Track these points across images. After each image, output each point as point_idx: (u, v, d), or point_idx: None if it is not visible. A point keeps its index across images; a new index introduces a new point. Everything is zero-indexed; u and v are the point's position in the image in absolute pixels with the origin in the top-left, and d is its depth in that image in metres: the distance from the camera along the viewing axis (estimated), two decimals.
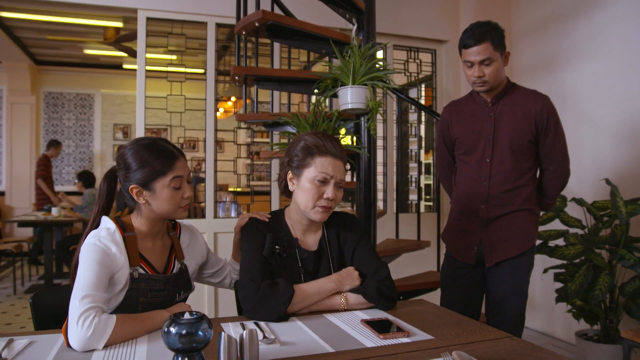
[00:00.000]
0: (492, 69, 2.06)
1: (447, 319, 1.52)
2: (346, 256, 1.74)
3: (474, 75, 2.10)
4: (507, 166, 2.13)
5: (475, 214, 2.21)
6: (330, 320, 1.49)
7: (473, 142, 2.21)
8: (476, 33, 2.05)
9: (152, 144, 1.50)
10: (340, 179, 1.64)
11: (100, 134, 8.24)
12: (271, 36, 2.69)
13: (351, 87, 2.74)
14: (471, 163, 2.23)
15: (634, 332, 2.47)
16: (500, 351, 1.22)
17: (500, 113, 2.15)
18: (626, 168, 3.18)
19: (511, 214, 2.15)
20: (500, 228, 2.16)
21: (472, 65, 2.09)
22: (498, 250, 2.16)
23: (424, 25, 4.25)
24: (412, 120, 4.60)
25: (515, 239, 2.14)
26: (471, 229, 2.23)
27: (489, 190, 2.16)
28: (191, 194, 1.55)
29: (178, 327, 1.03)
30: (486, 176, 2.16)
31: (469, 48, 2.07)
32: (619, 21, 3.26)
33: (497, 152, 2.14)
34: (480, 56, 2.05)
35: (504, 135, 2.12)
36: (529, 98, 2.12)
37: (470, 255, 2.23)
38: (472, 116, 2.23)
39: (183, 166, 1.52)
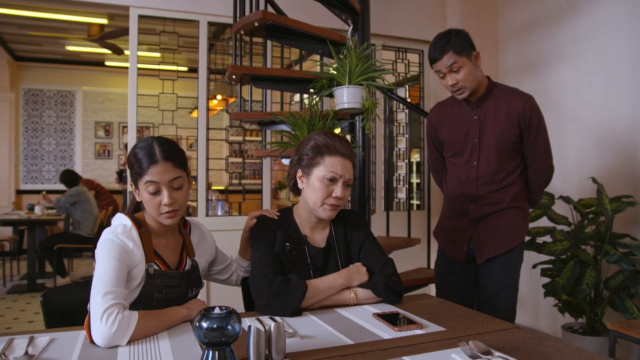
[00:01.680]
0: (463, 73, 2.10)
1: (455, 312, 1.58)
2: (353, 253, 1.79)
3: (449, 85, 2.16)
4: (494, 167, 2.18)
5: (465, 213, 2.27)
6: (342, 314, 1.53)
7: (460, 145, 2.26)
8: (437, 46, 2.12)
9: (147, 145, 1.50)
10: (349, 178, 1.68)
11: (81, 132, 8.13)
12: (269, 36, 2.72)
13: (347, 87, 2.78)
14: (459, 165, 2.28)
15: (620, 324, 2.57)
16: (511, 340, 1.28)
17: (484, 115, 2.19)
18: (608, 167, 3.30)
19: (500, 212, 2.21)
20: (489, 226, 2.22)
21: (444, 75, 2.15)
22: (488, 247, 2.21)
23: (412, 26, 4.32)
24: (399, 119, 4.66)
25: (504, 236, 2.20)
26: (461, 227, 2.29)
27: (477, 191, 2.22)
28: (171, 202, 1.47)
29: (209, 322, 1.06)
30: (474, 178, 2.22)
31: (435, 62, 2.15)
32: (602, 26, 3.37)
33: (483, 154, 2.20)
34: (447, 65, 2.10)
35: (490, 138, 2.17)
36: (512, 98, 2.17)
37: (461, 252, 2.29)
38: (458, 119, 2.27)
39: (160, 171, 1.46)
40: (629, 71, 3.17)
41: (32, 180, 7.88)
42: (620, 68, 3.24)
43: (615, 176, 3.22)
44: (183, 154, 1.55)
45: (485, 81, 2.21)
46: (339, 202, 1.67)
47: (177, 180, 1.50)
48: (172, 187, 1.49)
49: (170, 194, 1.48)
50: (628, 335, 2.48)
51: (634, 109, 3.12)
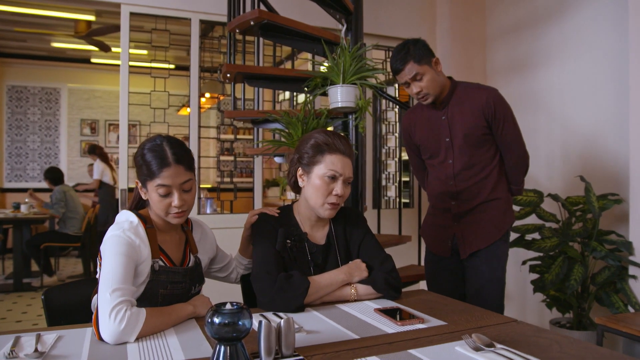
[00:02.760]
0: (426, 81, 2.19)
1: (453, 307, 1.62)
2: (352, 249, 1.82)
3: (414, 92, 2.24)
4: (468, 162, 2.25)
5: (447, 210, 2.34)
6: (344, 310, 1.56)
7: (434, 147, 2.34)
8: (398, 58, 2.20)
9: (156, 146, 1.50)
10: (349, 176, 1.71)
11: (66, 130, 8.04)
12: (265, 35, 2.73)
13: (341, 86, 2.81)
14: (436, 165, 2.36)
15: (607, 318, 2.64)
16: (510, 334, 1.32)
17: (452, 115, 2.27)
18: (595, 165, 3.37)
19: (480, 206, 2.28)
20: (470, 221, 2.29)
21: (408, 84, 2.24)
22: (470, 242, 2.28)
23: (402, 26, 4.36)
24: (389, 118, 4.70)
25: (485, 230, 2.26)
26: (445, 223, 2.36)
27: (456, 187, 2.29)
28: (181, 204, 1.49)
29: (221, 317, 1.08)
30: (451, 176, 2.30)
31: (398, 73, 2.23)
32: (589, 27, 3.44)
33: (456, 152, 2.27)
34: (410, 75, 2.18)
35: (459, 135, 2.24)
36: (475, 93, 2.24)
37: (446, 248, 2.35)
38: (428, 122, 2.35)
39: (172, 175, 1.47)
40: (614, 71, 3.24)
41: (16, 179, 7.79)
42: (606, 68, 3.31)
43: (602, 174, 3.30)
44: (192, 155, 1.57)
45: (447, 83, 2.29)
46: (339, 200, 1.70)
47: (187, 183, 1.52)
48: (182, 189, 1.50)
49: (180, 196, 1.49)
50: (615, 329, 2.55)
51: (619, 109, 3.19)
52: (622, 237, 3.00)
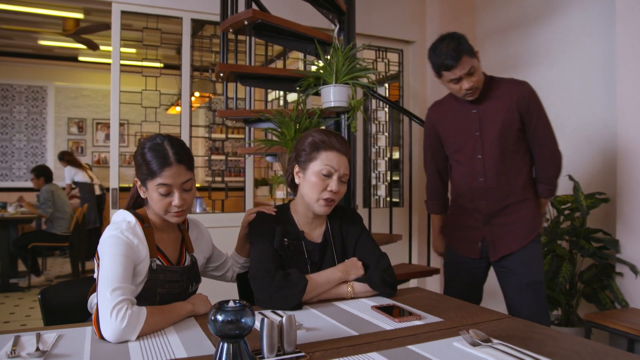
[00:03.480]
0: (477, 75, 2.12)
1: (449, 304, 1.64)
2: (348, 248, 1.84)
3: (464, 88, 2.12)
4: (499, 158, 2.17)
5: (476, 210, 2.25)
6: (341, 307, 1.58)
7: (461, 140, 2.26)
8: (451, 52, 2.07)
9: (157, 145, 1.50)
10: (344, 174, 1.73)
11: (53, 128, 7.96)
12: (258, 35, 2.74)
13: (334, 85, 2.83)
14: (462, 161, 2.27)
15: (595, 314, 2.69)
16: (505, 329, 1.35)
17: (484, 108, 2.19)
18: (583, 164, 3.43)
19: (511, 206, 2.20)
20: (501, 223, 2.21)
21: (459, 80, 2.11)
22: (501, 245, 2.20)
23: (392, 26, 4.39)
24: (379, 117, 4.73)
25: (518, 232, 2.19)
26: (473, 224, 2.27)
27: (486, 184, 2.20)
28: (182, 203, 1.50)
29: (224, 315, 1.09)
30: (481, 172, 2.21)
31: (451, 69, 2.09)
32: (577, 29, 3.50)
33: (487, 147, 2.18)
34: (465, 70, 2.08)
35: (491, 129, 2.16)
36: (509, 87, 2.17)
37: (475, 250, 2.27)
38: (456, 116, 2.28)
39: (173, 174, 1.48)
40: (602, 72, 3.30)
41: (1, 178, 7.70)
42: (594, 69, 3.36)
43: (589, 173, 3.35)
44: (192, 154, 1.58)
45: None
46: (334, 196, 1.72)
47: (188, 183, 1.53)
48: (183, 189, 1.51)
49: (181, 196, 1.50)
50: (602, 325, 2.61)
51: (607, 109, 3.25)
52: (609, 235, 3.05)
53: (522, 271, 2.18)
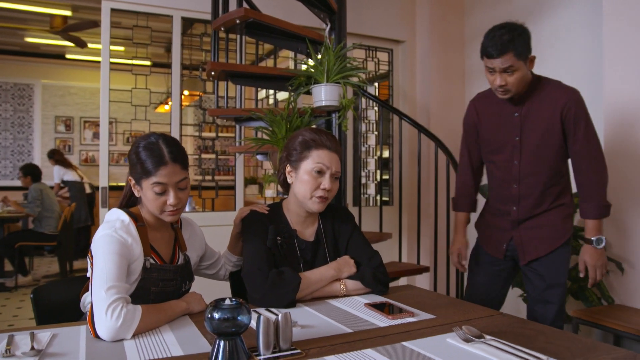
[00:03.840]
0: (515, 78, 1.96)
1: (441, 301, 1.66)
2: (340, 246, 1.85)
3: (496, 84, 2.00)
4: (536, 167, 2.07)
5: (507, 214, 2.19)
6: (334, 305, 1.59)
7: (499, 143, 2.15)
8: (498, 43, 1.93)
9: (152, 144, 1.50)
10: (336, 171, 1.74)
11: (40, 127, 7.88)
12: (250, 33, 2.74)
13: (325, 84, 2.84)
14: (498, 163, 2.18)
15: (582, 311, 2.74)
16: (498, 325, 1.37)
17: (527, 113, 2.06)
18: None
19: (542, 214, 2.12)
20: (530, 227, 2.14)
21: (494, 72, 1.99)
22: (530, 249, 2.13)
23: (382, 26, 4.41)
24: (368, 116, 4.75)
25: (545, 238, 2.11)
26: (503, 226, 2.22)
27: (520, 191, 2.12)
28: (177, 202, 1.50)
29: (221, 313, 1.10)
30: (515, 178, 2.12)
31: (490, 58, 1.97)
32: (564, 30, 3.54)
33: (525, 154, 2.08)
34: (503, 66, 1.95)
35: (532, 136, 2.06)
36: (555, 93, 2.03)
37: (500, 250, 2.22)
38: (497, 115, 2.16)
39: (169, 173, 1.48)
40: (589, 71, 3.34)
41: None
42: (580, 69, 3.41)
43: None
44: (186, 153, 1.58)
45: (529, 79, 2.05)
46: (327, 194, 1.73)
47: (183, 182, 1.53)
48: (178, 187, 1.51)
49: (176, 195, 1.50)
50: (589, 322, 2.65)
51: (593, 109, 3.28)
52: None
53: (545, 274, 2.11)
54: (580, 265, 2.08)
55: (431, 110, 4.38)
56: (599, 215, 2.03)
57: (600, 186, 2.05)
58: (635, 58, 2.79)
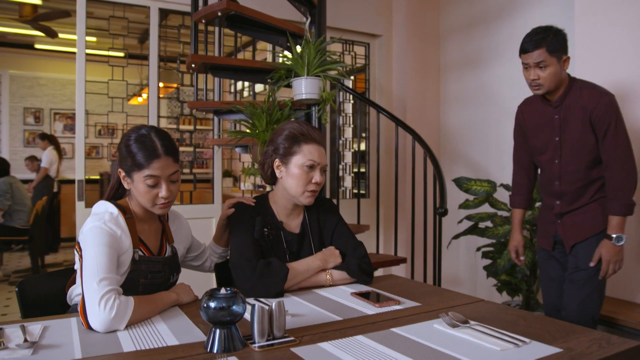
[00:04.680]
0: (548, 73, 2.12)
1: (424, 289, 1.72)
2: (325, 237, 1.89)
3: (530, 78, 2.18)
4: (575, 167, 2.21)
5: (552, 208, 2.34)
6: (322, 294, 1.63)
7: (542, 144, 2.30)
8: (534, 39, 2.13)
9: (143, 137, 1.50)
10: (325, 164, 1.78)
11: (8, 118, 7.67)
12: (231, 26, 2.74)
13: (306, 78, 2.86)
14: (543, 163, 2.34)
15: None
16: (480, 311, 1.43)
17: (565, 115, 2.20)
18: None
19: (583, 207, 2.24)
20: (572, 219, 2.27)
21: (529, 67, 2.17)
22: (571, 238, 2.27)
23: (359, 20, 4.44)
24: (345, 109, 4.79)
25: (586, 226, 2.23)
26: (550, 219, 2.36)
27: (561, 188, 2.26)
28: (169, 195, 1.51)
29: (217, 302, 1.13)
30: (556, 176, 2.27)
31: (526, 53, 2.16)
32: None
33: (564, 153, 2.22)
34: (536, 60, 2.12)
35: (570, 137, 2.19)
36: (587, 96, 2.15)
37: (548, 242, 2.38)
38: (541, 117, 2.30)
39: (162, 167, 1.49)
40: None
41: None
42: None
43: None
44: (177, 146, 1.58)
45: (566, 81, 2.21)
46: (317, 187, 1.76)
47: (175, 174, 1.54)
48: (170, 180, 1.52)
49: (168, 187, 1.51)
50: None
51: None
52: None
53: (580, 256, 2.22)
54: (595, 256, 2.16)
55: (407, 103, 4.44)
56: (621, 213, 2.13)
57: (625, 185, 2.13)
58: (605, 55, 2.89)
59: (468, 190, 3.39)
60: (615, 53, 2.81)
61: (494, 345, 1.13)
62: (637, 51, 2.72)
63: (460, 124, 4.37)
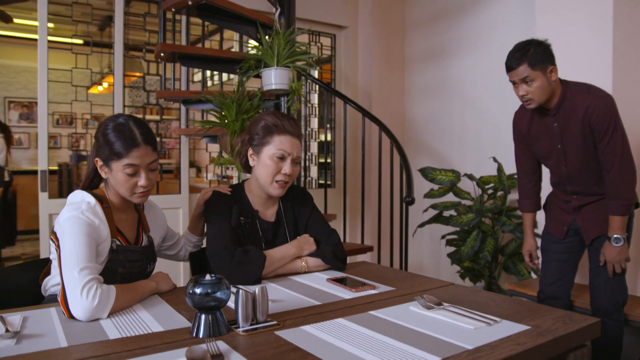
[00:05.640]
0: (535, 87, 2.12)
1: (396, 275, 1.78)
2: (300, 226, 1.93)
3: (519, 94, 2.19)
4: (581, 170, 2.23)
5: (568, 202, 2.36)
6: (298, 281, 1.67)
7: (546, 151, 2.32)
8: (515, 56, 2.15)
9: (122, 125, 1.50)
10: (297, 156, 1.81)
11: None
12: (201, 15, 2.72)
13: (276, 68, 2.88)
14: (550, 167, 2.37)
15: (515, 284, 2.97)
16: (452, 294, 1.50)
17: (563, 123, 2.20)
18: (504, 148, 3.70)
19: (601, 201, 2.27)
20: (592, 210, 2.29)
21: (516, 84, 2.18)
22: (592, 230, 2.29)
23: (325, 11, 4.46)
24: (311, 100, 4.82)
25: (606, 218, 2.22)
26: (567, 209, 2.38)
27: (574, 189, 2.31)
28: (148, 183, 1.53)
29: (202, 288, 1.15)
30: (566, 180, 2.30)
31: (510, 70, 2.18)
32: (499, 22, 3.76)
33: (570, 160, 2.24)
34: (521, 76, 2.13)
35: (572, 144, 2.20)
36: (580, 101, 2.14)
37: (561, 231, 2.39)
38: (541, 126, 2.30)
39: (141, 155, 1.49)
40: None
41: None
42: None
43: (510, 155, 3.63)
44: (155, 134, 1.58)
45: (558, 90, 2.19)
46: (287, 178, 1.79)
47: (154, 163, 1.54)
48: (149, 169, 1.53)
49: (147, 176, 1.51)
50: (522, 293, 2.88)
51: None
52: None
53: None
54: (601, 256, 2.22)
55: (373, 94, 4.51)
56: (620, 213, 2.16)
57: (623, 185, 2.15)
58: (565, 50, 3.01)
59: (433, 179, 3.49)
60: (575, 49, 2.93)
61: (468, 324, 1.19)
62: (596, 47, 2.85)
63: (424, 115, 4.47)
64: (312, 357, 1.01)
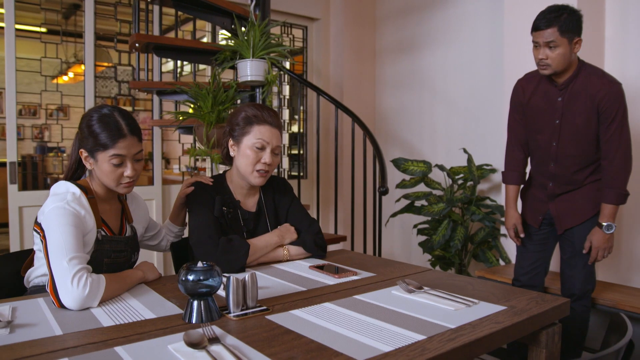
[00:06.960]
0: (557, 54, 2.09)
1: (375, 262, 1.85)
2: (281, 215, 1.97)
3: (538, 57, 2.14)
4: (572, 151, 2.22)
5: (544, 187, 2.36)
6: (281, 268, 1.72)
7: (541, 124, 2.28)
8: (547, 17, 2.08)
9: (107, 116, 1.51)
10: (277, 146, 1.84)
11: None
12: (177, 6, 2.72)
13: (252, 60, 2.90)
14: (539, 142, 2.32)
15: (485, 271, 3.08)
16: (431, 279, 1.57)
17: (569, 99, 2.17)
18: (474, 140, 3.82)
19: (577, 189, 2.28)
20: (565, 200, 2.30)
21: (538, 46, 2.13)
22: (566, 220, 2.31)
23: (297, 3, 4.48)
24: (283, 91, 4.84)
25: (580, 209, 2.27)
26: (541, 198, 2.39)
27: (555, 170, 2.28)
28: (134, 174, 1.54)
29: (194, 275, 1.18)
30: (552, 159, 2.27)
31: (537, 30, 2.12)
32: (469, 15, 3.85)
33: (563, 137, 2.21)
34: (546, 39, 2.08)
35: (571, 122, 2.18)
36: (596, 83, 2.12)
37: (536, 221, 2.40)
38: (543, 96, 2.26)
39: (127, 146, 1.51)
40: (491, 56, 3.68)
41: None
42: (483, 53, 3.74)
43: (480, 147, 3.75)
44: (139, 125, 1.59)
45: (575, 64, 2.17)
46: (267, 167, 1.83)
47: (140, 154, 1.56)
48: (135, 159, 1.54)
49: (132, 167, 1.53)
50: (491, 279, 2.99)
51: (494, 89, 3.64)
52: (494, 202, 3.48)
53: (577, 241, 2.29)
54: (586, 243, 2.24)
55: (344, 86, 4.56)
56: (615, 202, 2.17)
57: (622, 174, 2.17)
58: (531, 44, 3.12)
59: (405, 170, 3.57)
60: None
61: (449, 306, 1.26)
62: None
63: (395, 106, 4.55)
64: (305, 339, 1.06)
